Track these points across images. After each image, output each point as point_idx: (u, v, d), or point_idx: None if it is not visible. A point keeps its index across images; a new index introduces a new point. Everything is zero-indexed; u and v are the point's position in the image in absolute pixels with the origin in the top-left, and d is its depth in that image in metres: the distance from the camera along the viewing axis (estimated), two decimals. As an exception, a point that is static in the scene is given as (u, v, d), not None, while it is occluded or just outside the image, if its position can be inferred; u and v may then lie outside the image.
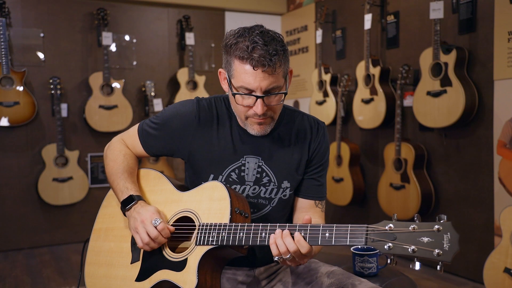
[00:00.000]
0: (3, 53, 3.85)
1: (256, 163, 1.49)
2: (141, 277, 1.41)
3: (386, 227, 1.08)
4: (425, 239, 1.03)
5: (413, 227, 1.05)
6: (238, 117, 1.48)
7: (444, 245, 1.01)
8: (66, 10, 4.31)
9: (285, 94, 1.39)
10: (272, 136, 1.51)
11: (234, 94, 1.37)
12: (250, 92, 1.34)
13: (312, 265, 1.51)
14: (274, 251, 1.23)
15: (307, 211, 1.53)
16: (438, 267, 1.02)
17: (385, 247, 1.06)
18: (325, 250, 1.72)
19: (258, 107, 1.35)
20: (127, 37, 4.55)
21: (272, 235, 1.24)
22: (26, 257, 3.94)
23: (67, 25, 4.32)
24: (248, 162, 1.49)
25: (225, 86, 1.45)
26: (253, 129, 1.42)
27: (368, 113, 3.78)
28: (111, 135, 4.46)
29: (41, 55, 4.22)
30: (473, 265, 3.19)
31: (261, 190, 1.49)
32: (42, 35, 4.21)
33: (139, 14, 4.60)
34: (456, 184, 3.31)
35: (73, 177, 4.21)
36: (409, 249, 1.03)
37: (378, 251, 1.78)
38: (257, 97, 1.34)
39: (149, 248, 1.38)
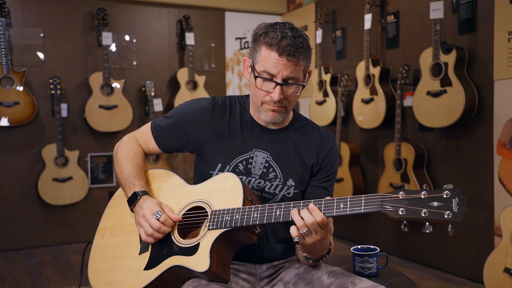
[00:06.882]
0: (3, 53, 3.85)
1: (264, 158, 1.53)
2: (150, 265, 1.40)
3: (398, 194, 1.15)
4: (435, 204, 1.10)
5: (424, 193, 1.12)
6: (254, 104, 1.52)
7: (454, 208, 1.08)
8: (66, 10, 4.31)
9: (303, 86, 1.45)
10: (283, 135, 1.57)
11: (256, 77, 1.44)
12: (271, 77, 1.41)
13: (313, 266, 1.52)
14: (292, 230, 1.27)
15: None
16: (449, 228, 1.09)
17: (399, 212, 1.13)
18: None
19: (276, 93, 1.42)
20: (127, 37, 4.55)
21: (293, 211, 1.27)
22: (26, 257, 3.94)
23: (67, 25, 4.32)
24: (256, 156, 1.53)
25: (247, 74, 1.52)
26: (267, 115, 1.48)
27: (368, 113, 3.78)
28: (111, 135, 4.49)
29: (41, 55, 4.22)
30: (473, 265, 3.19)
31: (266, 184, 1.53)
32: (42, 35, 4.22)
33: (139, 14, 4.60)
34: (456, 184, 3.31)
35: (73, 177, 4.21)
36: (421, 212, 1.10)
37: (378, 250, 1.78)
38: (277, 83, 1.41)
39: (153, 239, 1.40)
